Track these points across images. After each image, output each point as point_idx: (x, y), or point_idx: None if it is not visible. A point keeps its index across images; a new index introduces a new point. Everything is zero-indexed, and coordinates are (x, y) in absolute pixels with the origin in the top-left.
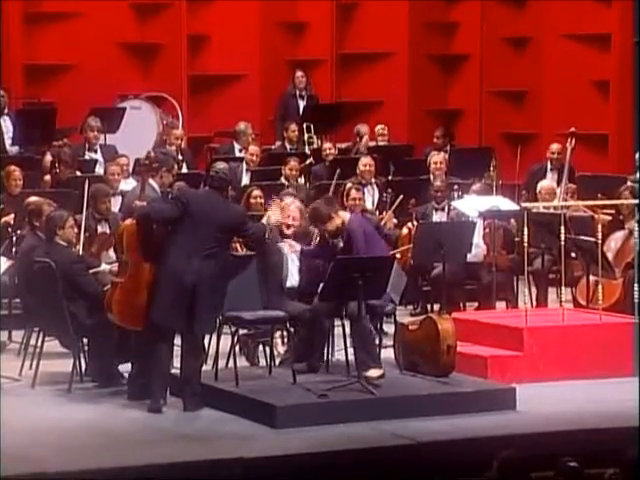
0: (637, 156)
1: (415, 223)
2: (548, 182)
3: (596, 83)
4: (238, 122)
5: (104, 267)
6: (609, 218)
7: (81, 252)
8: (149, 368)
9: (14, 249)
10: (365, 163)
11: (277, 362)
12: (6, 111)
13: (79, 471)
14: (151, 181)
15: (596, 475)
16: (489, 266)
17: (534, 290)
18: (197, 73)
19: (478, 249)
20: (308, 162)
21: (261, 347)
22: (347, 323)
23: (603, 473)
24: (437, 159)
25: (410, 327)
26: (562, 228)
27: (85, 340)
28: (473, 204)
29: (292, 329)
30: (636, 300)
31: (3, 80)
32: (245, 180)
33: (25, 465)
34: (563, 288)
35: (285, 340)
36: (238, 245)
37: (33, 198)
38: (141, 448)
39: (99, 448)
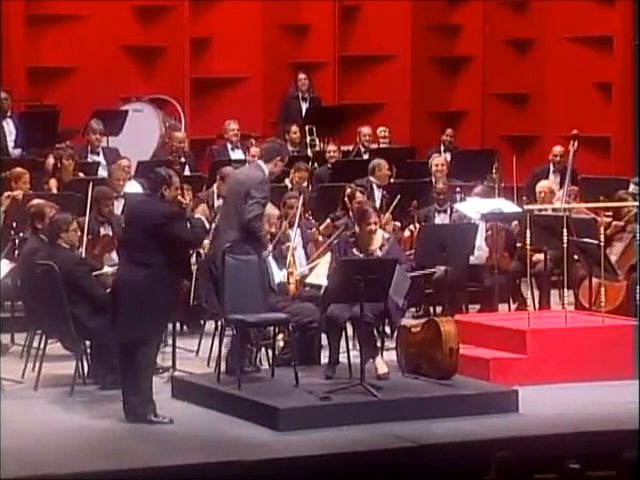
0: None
1: (417, 225)
2: (547, 182)
3: (598, 85)
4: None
5: (107, 269)
6: (610, 220)
7: (84, 254)
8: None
9: (16, 252)
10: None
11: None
12: (9, 113)
13: (81, 473)
14: (262, 164)
15: (598, 477)
16: (491, 268)
17: (536, 292)
18: (200, 76)
19: (480, 251)
20: (311, 168)
21: (263, 350)
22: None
23: (605, 476)
24: (438, 162)
25: (412, 329)
26: (565, 230)
27: (88, 342)
28: (475, 206)
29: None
30: (637, 302)
31: (6, 83)
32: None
33: (27, 467)
34: (566, 290)
35: (286, 339)
36: None
37: (36, 201)
38: (143, 451)
39: (101, 450)
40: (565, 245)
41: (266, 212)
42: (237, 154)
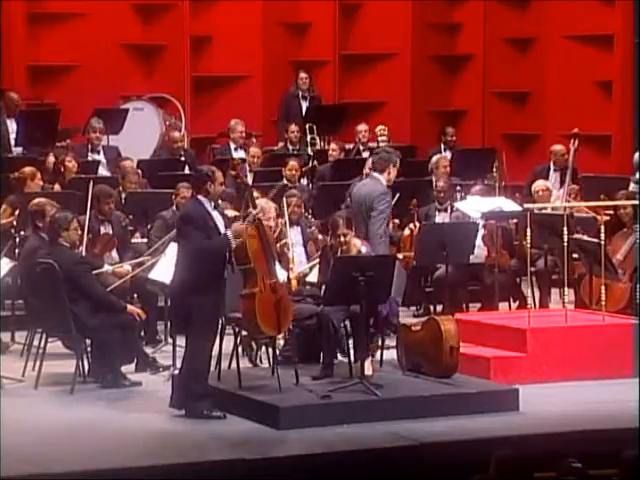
0: (636, 156)
1: (417, 224)
2: (542, 181)
3: (599, 84)
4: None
5: (107, 268)
6: (608, 218)
7: (84, 253)
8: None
9: (17, 250)
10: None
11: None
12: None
13: (82, 472)
14: (379, 176)
15: (599, 476)
16: (492, 267)
17: (537, 291)
18: (200, 74)
19: (480, 250)
20: (310, 166)
21: (264, 348)
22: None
23: (605, 474)
24: (445, 163)
25: (413, 328)
26: (565, 229)
27: (88, 341)
28: (476, 205)
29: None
30: (637, 301)
31: (6, 81)
32: (248, 181)
33: (27, 466)
34: (566, 289)
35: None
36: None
37: (36, 199)
38: (143, 449)
39: (101, 449)
40: (565, 244)
41: (262, 206)
42: (240, 154)
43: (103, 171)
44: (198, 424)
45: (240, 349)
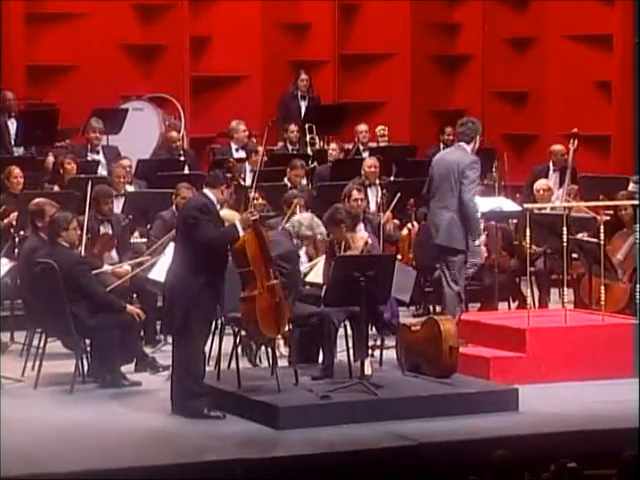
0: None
1: (415, 224)
2: (544, 181)
3: (598, 84)
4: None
5: (106, 268)
6: (607, 218)
7: (83, 253)
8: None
9: (16, 250)
10: (370, 164)
11: (286, 362)
12: (13, 113)
13: (81, 472)
14: (465, 146)
15: (596, 476)
16: (491, 267)
17: (536, 291)
18: (199, 74)
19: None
20: (311, 166)
21: (263, 348)
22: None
23: (602, 474)
24: None
25: (412, 328)
26: (565, 229)
27: (87, 341)
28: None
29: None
30: (637, 301)
31: (5, 81)
32: (248, 181)
33: (27, 466)
34: (565, 289)
35: (288, 341)
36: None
37: (36, 199)
38: (143, 449)
39: (101, 449)
40: (565, 244)
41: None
42: (241, 154)
43: (103, 171)
44: (197, 424)
45: (239, 349)
